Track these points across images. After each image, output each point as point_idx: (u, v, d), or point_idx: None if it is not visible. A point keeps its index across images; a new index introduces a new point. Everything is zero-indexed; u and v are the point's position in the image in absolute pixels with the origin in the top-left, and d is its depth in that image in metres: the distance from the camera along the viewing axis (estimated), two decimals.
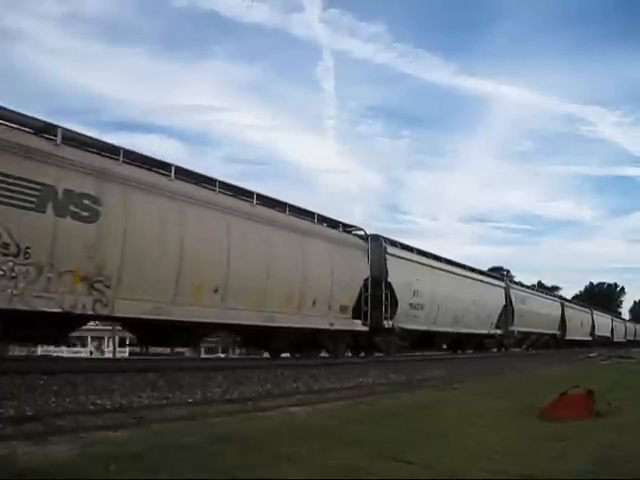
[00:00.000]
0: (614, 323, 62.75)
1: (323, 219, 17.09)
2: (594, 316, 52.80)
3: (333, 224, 17.73)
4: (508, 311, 30.49)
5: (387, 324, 18.65)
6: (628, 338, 67.77)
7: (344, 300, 16.71)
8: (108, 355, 31.58)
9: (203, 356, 16.39)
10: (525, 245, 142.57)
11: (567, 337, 42.08)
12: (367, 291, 17.73)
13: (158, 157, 12.19)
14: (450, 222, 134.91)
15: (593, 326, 51.29)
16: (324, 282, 15.81)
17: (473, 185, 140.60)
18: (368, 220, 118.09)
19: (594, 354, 30.60)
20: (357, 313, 17.36)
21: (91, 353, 34.81)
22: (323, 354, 18.31)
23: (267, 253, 13.81)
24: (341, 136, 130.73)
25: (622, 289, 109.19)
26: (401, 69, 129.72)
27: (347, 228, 18.42)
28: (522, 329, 32.70)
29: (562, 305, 43.01)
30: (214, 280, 12.25)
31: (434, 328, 22.39)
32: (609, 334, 59.25)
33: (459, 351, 27.38)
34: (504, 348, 31.71)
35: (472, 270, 27.68)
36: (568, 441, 5.26)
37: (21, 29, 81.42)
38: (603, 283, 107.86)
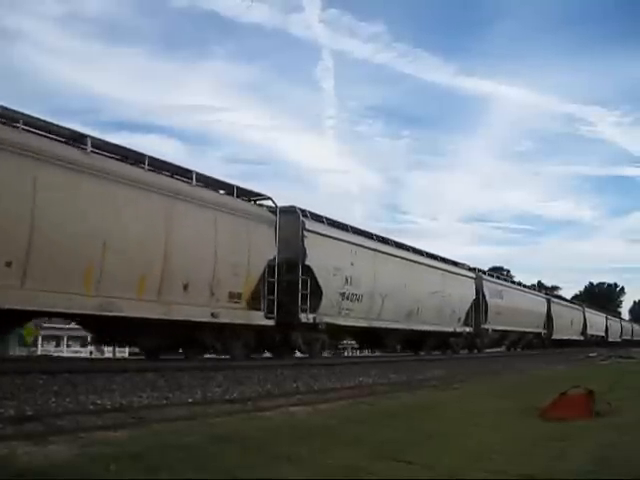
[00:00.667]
0: (609, 322, 60.01)
1: (206, 180, 13.26)
2: (586, 314, 49.72)
3: (223, 188, 13.81)
4: (480, 306, 27.01)
5: (305, 318, 15.12)
6: (624, 338, 65.47)
7: (236, 285, 13.16)
8: (108, 355, 31.59)
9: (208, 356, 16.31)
10: (525, 245, 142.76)
11: (554, 336, 38.97)
12: (274, 276, 14.11)
13: None
14: (450, 222, 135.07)
15: (585, 325, 48.35)
16: (203, 261, 12.27)
17: (473, 185, 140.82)
18: (368, 220, 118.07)
19: (594, 354, 30.59)
20: (258, 303, 13.84)
21: (91, 353, 34.82)
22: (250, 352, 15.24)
23: (104, 218, 10.29)
24: (341, 136, 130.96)
25: (622, 289, 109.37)
26: (401, 69, 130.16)
27: (251, 197, 14.58)
28: (498, 327, 29.22)
29: (548, 301, 39.62)
30: (6, 251, 8.89)
31: (377, 324, 18.76)
32: (603, 333, 56.51)
33: (422, 352, 23.56)
34: (476, 349, 28.03)
35: (432, 257, 23.86)
36: (568, 441, 5.26)
37: (21, 29, 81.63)
38: (603, 283, 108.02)
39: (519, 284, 37.35)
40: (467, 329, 25.90)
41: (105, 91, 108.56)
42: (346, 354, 25.41)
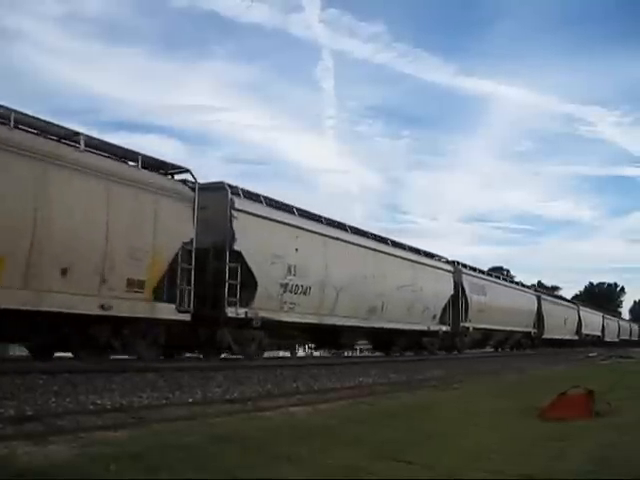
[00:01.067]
0: (606, 321, 57.40)
1: (102, 147, 11.08)
2: (581, 313, 47.29)
3: (126, 157, 11.53)
4: (459, 303, 24.53)
5: (234, 312, 12.96)
6: (622, 337, 63.35)
7: (136, 272, 10.94)
8: None
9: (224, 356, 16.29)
10: (525, 245, 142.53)
11: (545, 336, 36.51)
12: (191, 262, 11.97)
13: None
14: (450, 222, 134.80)
15: (580, 324, 45.81)
16: (90, 240, 10.18)
17: (473, 185, 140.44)
18: (368, 220, 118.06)
19: (594, 354, 30.60)
20: (168, 293, 11.74)
21: None
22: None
23: None
24: (341, 136, 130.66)
25: (622, 289, 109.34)
26: (401, 69, 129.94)
27: (163, 169, 12.26)
28: (481, 326, 26.67)
29: (538, 299, 36.75)
30: None
31: (331, 321, 16.39)
32: (599, 333, 53.95)
33: (397, 353, 21.49)
34: (456, 350, 25.54)
35: (400, 246, 21.43)
36: (568, 441, 5.26)
37: (21, 29, 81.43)
38: (603, 283, 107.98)
39: (505, 279, 34.98)
40: (444, 328, 23.52)
41: (105, 91, 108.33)
42: (346, 354, 25.47)
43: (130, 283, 10.86)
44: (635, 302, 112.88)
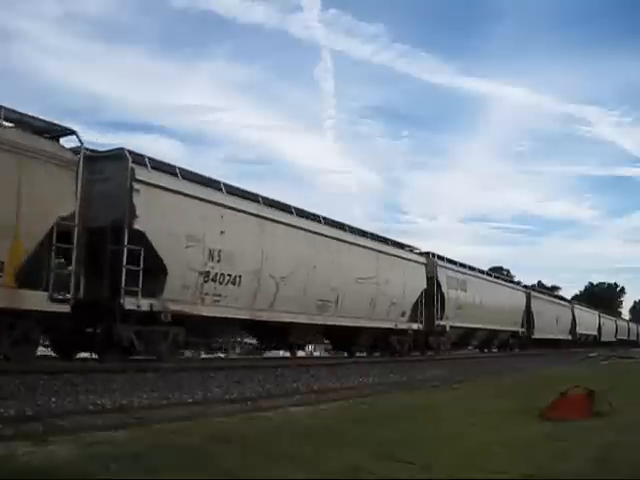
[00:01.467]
0: (602, 320, 54.53)
1: None
2: (575, 311, 44.72)
3: None
4: (434, 299, 22.04)
5: (136, 304, 10.86)
6: (619, 337, 60.85)
7: None
8: None
9: (203, 356, 16.29)
10: (525, 245, 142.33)
11: (536, 335, 34.08)
12: (71, 241, 9.94)
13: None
14: (450, 222, 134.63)
15: (574, 323, 43.25)
16: None
17: (473, 185, 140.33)
18: (368, 220, 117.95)
19: (594, 354, 30.58)
20: (38, 278, 9.62)
21: (91, 353, 34.78)
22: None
23: None
24: (341, 136, 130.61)
25: (622, 289, 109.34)
26: (400, 69, 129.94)
27: (40, 129, 10.13)
28: (461, 324, 24.09)
29: (528, 296, 34.26)
30: None
31: (269, 316, 13.98)
32: (595, 333, 51.29)
33: (358, 353, 19.29)
34: (431, 349, 22.91)
35: (361, 233, 18.81)
36: (569, 441, 5.26)
37: (21, 29, 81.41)
38: (603, 283, 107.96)
39: (490, 274, 31.22)
40: (415, 326, 20.92)
41: (104, 91, 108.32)
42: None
43: None
44: (635, 302, 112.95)
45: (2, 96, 10.20)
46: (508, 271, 66.36)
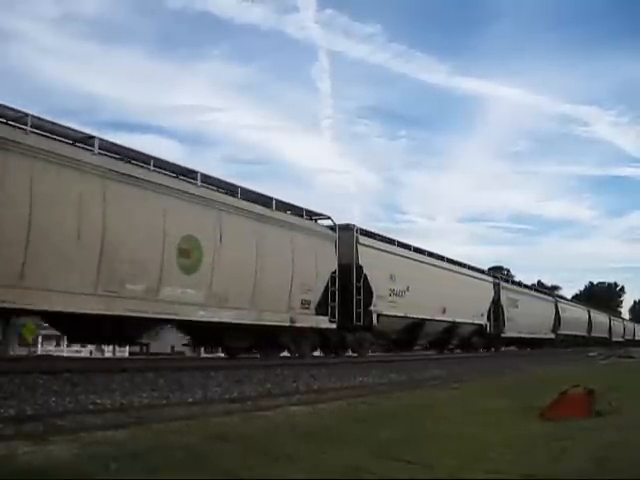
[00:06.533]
0: (592, 316, 49.62)
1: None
2: (560, 307, 40.18)
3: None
4: (353, 285, 17.69)
5: None
6: (616, 337, 57.19)
7: None
8: (108, 355, 31.61)
9: (203, 356, 16.32)
10: (524, 245, 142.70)
11: (507, 333, 29.74)
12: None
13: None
14: (449, 222, 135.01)
15: (558, 320, 38.82)
16: None
17: (470, 185, 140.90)
18: (367, 220, 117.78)
19: (594, 354, 30.59)
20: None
21: (91, 353, 34.82)
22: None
23: None
24: (338, 136, 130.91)
25: (622, 289, 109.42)
26: (397, 69, 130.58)
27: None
28: (393, 313, 19.61)
29: (496, 286, 29.70)
30: None
31: (104, 308, 10.82)
32: (584, 332, 46.53)
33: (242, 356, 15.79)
34: (354, 352, 18.97)
35: (231, 191, 14.41)
36: (569, 440, 5.25)
37: (20, 30, 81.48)
38: (603, 283, 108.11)
39: (442, 258, 25.17)
40: (323, 320, 16.56)
41: (103, 91, 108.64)
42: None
43: None
44: (635, 302, 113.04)
45: (2, 96, 10.17)
46: (508, 270, 66.45)
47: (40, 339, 33.24)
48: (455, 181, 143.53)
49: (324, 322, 16.83)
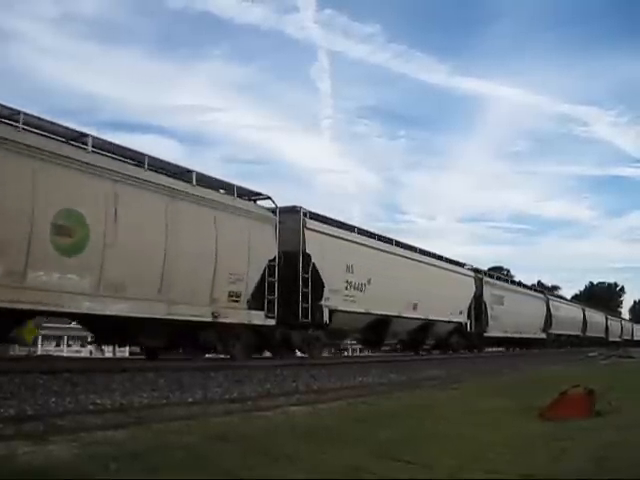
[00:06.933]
0: (587, 315, 46.78)
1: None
2: (551, 305, 37.34)
3: None
4: (298, 275, 15.24)
5: None
6: (612, 337, 54.58)
7: None
8: (108, 355, 31.59)
9: (208, 356, 16.30)
10: (524, 245, 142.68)
11: (490, 333, 27.25)
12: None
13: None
14: (448, 222, 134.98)
15: (549, 319, 36.16)
16: None
17: (471, 185, 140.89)
18: (367, 220, 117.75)
19: (594, 354, 30.58)
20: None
21: (91, 353, 34.82)
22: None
23: None
24: (338, 136, 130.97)
25: (622, 289, 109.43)
26: (396, 69, 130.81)
27: None
28: (356, 310, 17.24)
29: (478, 282, 27.04)
30: None
31: None
32: (579, 332, 43.90)
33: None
34: (303, 352, 16.45)
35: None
36: (569, 441, 5.25)
37: (19, 30, 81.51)
38: (603, 283, 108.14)
39: (414, 248, 22.44)
40: (256, 316, 14.05)
41: (103, 91, 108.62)
42: (346, 354, 25.42)
43: None
44: (635, 302, 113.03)
45: (2, 96, 10.12)
46: (508, 270, 66.45)
47: (40, 339, 33.24)
48: (455, 181, 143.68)
49: (258, 318, 14.01)
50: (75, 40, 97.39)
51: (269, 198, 15.53)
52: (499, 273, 39.82)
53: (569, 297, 66.43)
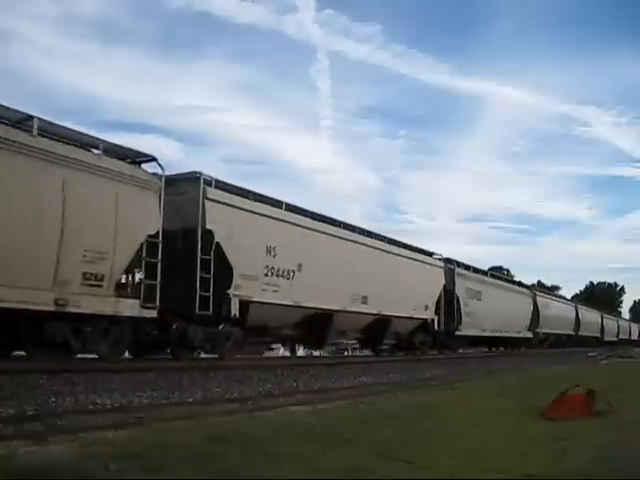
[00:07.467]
0: (580, 313, 43.54)
1: None
2: (538, 302, 33.76)
3: None
4: (195, 258, 12.30)
5: None
6: (608, 336, 51.69)
7: None
8: None
9: (203, 356, 16.27)
10: (524, 245, 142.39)
11: (463, 331, 23.81)
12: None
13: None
14: (449, 222, 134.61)
15: (536, 317, 32.88)
16: None
17: (470, 185, 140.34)
18: (367, 220, 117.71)
19: (594, 354, 30.58)
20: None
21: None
22: None
23: None
24: (338, 136, 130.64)
25: (622, 289, 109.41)
26: (396, 69, 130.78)
27: None
28: (281, 302, 14.25)
29: (450, 273, 23.53)
30: None
31: None
32: (570, 331, 40.62)
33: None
34: (207, 352, 13.69)
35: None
36: (569, 440, 5.26)
37: (18, 30, 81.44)
38: (603, 283, 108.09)
39: (364, 232, 18.88)
40: (129, 305, 10.97)
41: (102, 91, 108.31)
42: (346, 354, 25.42)
43: None
44: (635, 302, 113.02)
45: (2, 96, 10.02)
46: (508, 271, 66.31)
47: None
48: (455, 181, 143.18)
49: (131, 308, 10.99)
50: (75, 40, 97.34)
51: (154, 160, 12.11)
52: (499, 273, 39.13)
53: (569, 297, 66.11)
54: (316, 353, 21.75)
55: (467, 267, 26.12)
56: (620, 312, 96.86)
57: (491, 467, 4.13)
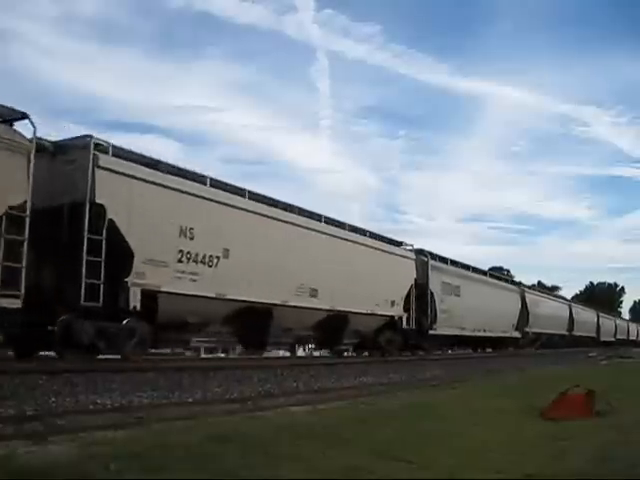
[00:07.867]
0: (574, 312, 41.84)
1: None
2: (527, 299, 31.96)
3: None
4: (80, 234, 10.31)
5: None
6: (604, 336, 50.11)
7: None
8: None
9: (203, 356, 16.30)
10: (524, 245, 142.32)
11: (439, 330, 21.69)
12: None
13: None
14: (448, 222, 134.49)
15: (525, 316, 31.04)
16: None
17: (470, 185, 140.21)
18: (367, 220, 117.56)
19: (594, 354, 30.58)
20: None
21: None
22: None
23: None
24: (337, 136, 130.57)
25: (622, 289, 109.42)
26: (396, 69, 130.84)
27: None
28: (202, 293, 12.22)
29: (423, 266, 21.34)
30: None
31: None
32: (564, 330, 38.82)
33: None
34: (102, 352, 11.02)
35: None
36: (569, 440, 5.26)
37: (18, 30, 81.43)
38: (603, 283, 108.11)
39: (305, 211, 16.20)
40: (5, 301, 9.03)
41: (102, 91, 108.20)
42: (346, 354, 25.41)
43: None
44: (635, 302, 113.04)
45: (2, 96, 9.94)
46: (508, 271, 66.23)
47: None
48: (455, 181, 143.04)
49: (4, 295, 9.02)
50: (75, 40, 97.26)
51: (25, 117, 9.92)
52: (499, 273, 38.64)
53: (569, 297, 65.91)
54: (316, 353, 21.71)
55: (444, 260, 23.82)
56: (620, 312, 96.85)
57: (491, 467, 4.13)
